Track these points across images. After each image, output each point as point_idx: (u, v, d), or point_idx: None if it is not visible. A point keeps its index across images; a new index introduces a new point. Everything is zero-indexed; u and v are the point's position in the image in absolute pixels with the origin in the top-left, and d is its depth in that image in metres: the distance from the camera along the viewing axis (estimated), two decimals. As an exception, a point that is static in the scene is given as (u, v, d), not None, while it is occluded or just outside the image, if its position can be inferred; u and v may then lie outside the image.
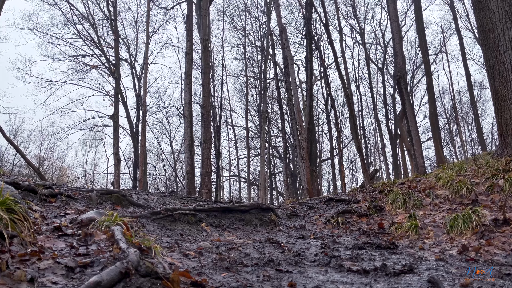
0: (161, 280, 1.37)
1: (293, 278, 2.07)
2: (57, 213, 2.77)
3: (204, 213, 3.83)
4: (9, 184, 2.58)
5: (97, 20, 19.71)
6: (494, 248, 2.85)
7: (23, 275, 1.29)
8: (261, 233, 3.74)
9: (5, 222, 1.59)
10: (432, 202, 4.22)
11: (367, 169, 9.81)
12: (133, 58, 21.82)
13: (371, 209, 4.53)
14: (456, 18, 19.27)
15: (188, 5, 11.01)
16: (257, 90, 23.89)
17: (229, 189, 29.91)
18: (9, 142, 8.31)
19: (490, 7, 5.21)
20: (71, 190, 4.03)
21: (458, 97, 25.60)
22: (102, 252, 1.73)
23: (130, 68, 21.59)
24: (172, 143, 26.91)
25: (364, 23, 23.31)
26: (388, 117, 23.08)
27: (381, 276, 2.13)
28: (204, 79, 9.87)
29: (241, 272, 2.12)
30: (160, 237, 2.93)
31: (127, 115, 20.55)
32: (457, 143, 26.69)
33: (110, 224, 2.20)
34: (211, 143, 13.06)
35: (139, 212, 3.58)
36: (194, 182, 9.18)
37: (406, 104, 10.97)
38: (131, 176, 22.02)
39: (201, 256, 2.47)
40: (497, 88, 5.10)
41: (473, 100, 18.65)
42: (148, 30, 14.91)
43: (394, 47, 12.46)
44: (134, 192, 5.93)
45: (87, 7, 19.28)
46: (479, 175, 4.53)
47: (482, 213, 3.37)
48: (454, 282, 2.01)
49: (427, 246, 3.12)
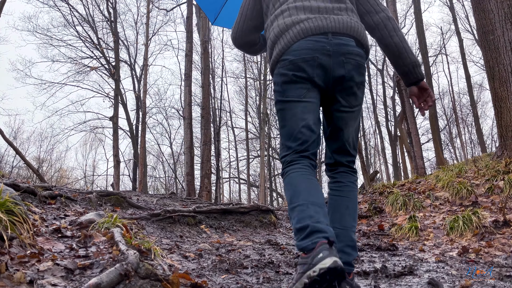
0: (160, 282, 1.37)
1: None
2: (56, 214, 2.76)
3: (204, 214, 3.83)
4: (8, 185, 2.57)
5: (97, 22, 19.74)
6: (494, 250, 2.85)
7: (23, 277, 1.28)
8: (261, 234, 3.74)
9: (4, 224, 1.58)
10: (432, 204, 4.22)
11: (367, 171, 9.80)
12: (133, 60, 21.85)
13: (371, 210, 4.52)
14: (455, 19, 19.31)
15: (188, 7, 11.03)
16: (257, 92, 23.91)
17: (229, 191, 29.92)
18: (8, 144, 8.31)
19: (490, 9, 5.22)
20: (71, 192, 4.02)
21: (458, 99, 25.64)
22: (102, 254, 1.72)
23: (130, 70, 21.62)
24: (172, 145, 26.92)
25: (364, 25, 23.34)
26: (388, 119, 23.10)
27: (381, 278, 2.13)
28: (204, 81, 9.88)
29: (241, 274, 2.12)
30: (159, 238, 2.92)
31: (127, 117, 20.56)
32: (457, 144, 26.71)
33: (110, 226, 2.19)
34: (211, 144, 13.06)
35: (139, 213, 3.58)
36: (193, 184, 9.18)
37: (406, 105, 10.98)
38: (130, 177, 22.01)
39: (200, 258, 2.47)
40: (497, 90, 5.10)
41: (473, 101, 18.66)
42: (148, 32, 14.93)
43: (394, 49, 12.46)
44: (133, 194, 5.93)
45: (87, 9, 19.32)
46: (479, 177, 4.53)
47: (482, 215, 3.36)
48: (454, 284, 2.01)
49: (427, 248, 3.11)
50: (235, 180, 27.95)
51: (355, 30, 1.70)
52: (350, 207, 1.68)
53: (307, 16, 1.69)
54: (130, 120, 20.61)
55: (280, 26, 1.72)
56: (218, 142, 20.66)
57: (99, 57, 19.59)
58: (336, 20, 1.68)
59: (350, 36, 1.68)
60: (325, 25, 1.66)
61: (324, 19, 1.68)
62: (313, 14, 1.70)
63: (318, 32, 1.65)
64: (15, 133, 25.93)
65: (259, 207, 4.14)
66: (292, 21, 1.69)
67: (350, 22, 1.70)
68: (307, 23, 1.67)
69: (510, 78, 4.97)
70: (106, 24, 19.85)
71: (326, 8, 1.73)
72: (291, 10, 1.73)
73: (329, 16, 1.69)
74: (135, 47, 21.87)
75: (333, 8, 1.73)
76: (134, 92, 21.19)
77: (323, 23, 1.66)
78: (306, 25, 1.66)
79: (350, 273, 1.60)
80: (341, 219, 1.65)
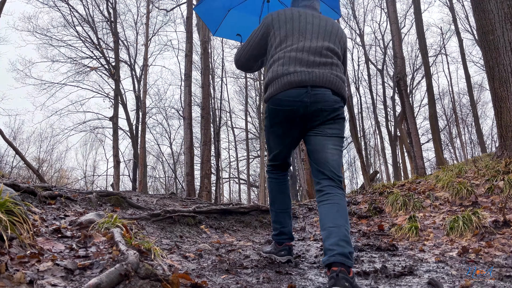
0: (160, 282, 1.37)
1: (292, 280, 2.07)
2: (56, 215, 2.76)
3: (204, 215, 3.82)
4: (8, 186, 2.57)
5: (97, 22, 19.74)
6: (494, 250, 2.85)
7: (23, 277, 1.28)
8: (261, 235, 3.74)
9: (4, 224, 1.58)
10: (432, 204, 4.22)
11: (366, 171, 9.80)
12: (133, 60, 21.85)
13: (371, 210, 4.52)
14: (455, 19, 19.31)
15: (188, 7, 11.03)
16: (257, 92, 23.91)
17: (228, 191, 29.92)
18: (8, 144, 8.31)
19: (490, 9, 5.22)
20: (71, 192, 4.02)
21: (458, 99, 25.65)
22: (102, 254, 1.72)
23: (130, 70, 21.61)
24: (172, 145, 26.92)
25: (364, 25, 23.40)
26: (388, 119, 23.10)
27: (381, 278, 2.13)
28: (204, 81, 9.87)
29: (241, 274, 2.12)
30: (159, 239, 2.92)
31: (126, 117, 20.55)
32: (457, 144, 26.71)
33: (110, 226, 2.19)
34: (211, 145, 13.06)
35: (139, 214, 3.58)
36: (193, 184, 9.18)
37: (406, 105, 10.97)
38: (130, 178, 22.01)
39: (200, 258, 2.46)
40: (497, 90, 5.10)
41: (473, 101, 18.66)
42: (148, 32, 14.93)
43: (394, 49, 12.48)
44: (133, 194, 5.92)
45: (87, 9, 19.31)
46: (479, 177, 4.53)
47: (482, 215, 3.36)
48: (454, 284, 2.01)
49: (427, 248, 3.11)
50: (235, 180, 27.96)
51: (332, 83, 2.13)
52: (340, 210, 1.98)
53: (295, 69, 2.12)
54: (130, 120, 20.60)
55: (273, 73, 2.18)
56: (218, 142, 20.66)
57: (99, 57, 19.59)
58: (317, 74, 2.12)
59: (327, 88, 2.12)
60: (306, 79, 2.10)
61: (307, 74, 2.11)
62: (300, 68, 2.12)
63: (300, 86, 2.10)
64: (15, 133, 25.94)
65: (259, 207, 4.14)
66: (282, 72, 2.14)
67: (329, 76, 2.14)
68: (293, 76, 2.11)
69: (510, 78, 4.97)
70: (106, 24, 19.84)
71: (314, 61, 2.15)
72: (285, 59, 2.17)
73: (313, 71, 2.12)
74: (135, 47, 21.89)
75: (320, 62, 2.15)
76: (134, 92, 21.19)
77: (305, 78, 2.10)
78: (292, 78, 2.11)
79: (350, 270, 1.79)
80: (333, 219, 1.93)
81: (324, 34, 2.25)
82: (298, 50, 2.17)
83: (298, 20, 2.27)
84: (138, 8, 23.81)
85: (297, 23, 2.26)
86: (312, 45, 2.19)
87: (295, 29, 2.24)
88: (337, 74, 2.17)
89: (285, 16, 2.30)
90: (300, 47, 2.18)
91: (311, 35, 2.22)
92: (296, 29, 2.24)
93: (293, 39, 2.22)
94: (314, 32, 2.24)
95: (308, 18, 2.29)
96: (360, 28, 22.64)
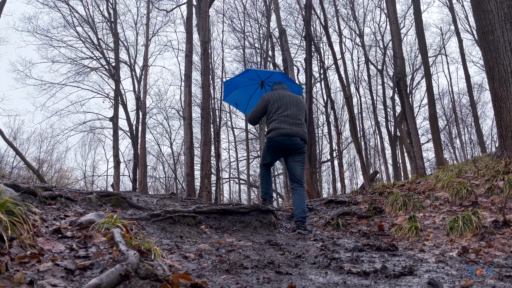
0: (160, 282, 1.37)
1: (293, 280, 2.07)
2: (56, 215, 2.76)
3: (204, 215, 3.82)
4: (8, 186, 2.58)
5: (97, 23, 19.75)
6: (494, 250, 2.85)
7: (23, 277, 1.28)
8: (261, 235, 3.74)
9: (4, 224, 1.59)
10: (432, 204, 4.22)
11: (366, 171, 9.80)
12: (133, 60, 21.85)
13: (371, 211, 4.52)
14: (455, 20, 19.31)
15: (188, 7, 11.03)
16: (257, 92, 23.84)
17: (229, 191, 29.92)
18: (8, 144, 8.31)
19: (489, 9, 5.22)
20: (71, 192, 4.02)
21: (457, 99, 25.66)
22: (102, 254, 1.72)
23: (130, 70, 21.62)
24: (172, 145, 26.92)
25: (364, 25, 23.36)
26: (387, 119, 23.10)
27: (381, 278, 2.13)
28: (204, 81, 9.87)
29: (241, 274, 2.12)
30: (160, 239, 2.92)
31: (127, 117, 20.56)
32: (456, 144, 26.72)
33: (110, 226, 2.19)
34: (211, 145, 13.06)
35: (139, 214, 3.58)
36: (194, 184, 9.17)
37: (406, 106, 10.97)
38: (130, 178, 22.02)
39: (201, 258, 2.46)
40: (497, 90, 5.10)
41: (473, 102, 18.66)
42: (148, 32, 14.93)
43: (394, 49, 12.48)
44: (133, 194, 5.92)
45: (87, 10, 19.33)
46: (479, 177, 4.53)
47: (482, 215, 3.36)
48: (454, 284, 2.01)
49: (427, 248, 3.11)
50: (235, 181, 27.95)
51: (301, 135, 4.26)
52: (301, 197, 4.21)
53: (284, 127, 4.20)
54: (130, 120, 20.61)
55: (273, 126, 4.26)
56: (218, 142, 20.66)
57: (99, 57, 19.60)
58: (294, 130, 4.22)
59: (298, 137, 4.23)
60: (289, 133, 4.20)
61: (289, 129, 4.20)
62: (286, 126, 4.21)
63: (286, 135, 4.20)
64: (15, 134, 25.95)
65: (259, 207, 4.14)
66: (277, 127, 4.22)
67: (300, 131, 4.26)
68: (283, 130, 4.20)
69: (510, 78, 4.97)
70: (106, 24, 19.86)
71: (292, 123, 4.24)
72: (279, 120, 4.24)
73: (292, 128, 4.21)
74: (135, 48, 21.89)
75: (295, 123, 4.25)
76: (134, 92, 21.19)
77: (289, 131, 4.20)
78: (282, 131, 4.20)
79: (304, 224, 4.08)
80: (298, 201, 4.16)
81: (296, 106, 4.30)
82: (285, 116, 4.23)
83: (283, 99, 4.30)
84: (138, 8, 23.85)
85: (282, 100, 4.29)
86: (290, 113, 4.24)
87: (282, 104, 4.28)
88: (303, 130, 4.30)
89: (275, 96, 4.33)
90: (285, 114, 4.24)
91: (290, 107, 4.26)
92: (283, 104, 4.28)
93: (282, 109, 4.25)
94: (292, 106, 4.28)
95: (286, 97, 4.32)
96: (360, 29, 22.64)
